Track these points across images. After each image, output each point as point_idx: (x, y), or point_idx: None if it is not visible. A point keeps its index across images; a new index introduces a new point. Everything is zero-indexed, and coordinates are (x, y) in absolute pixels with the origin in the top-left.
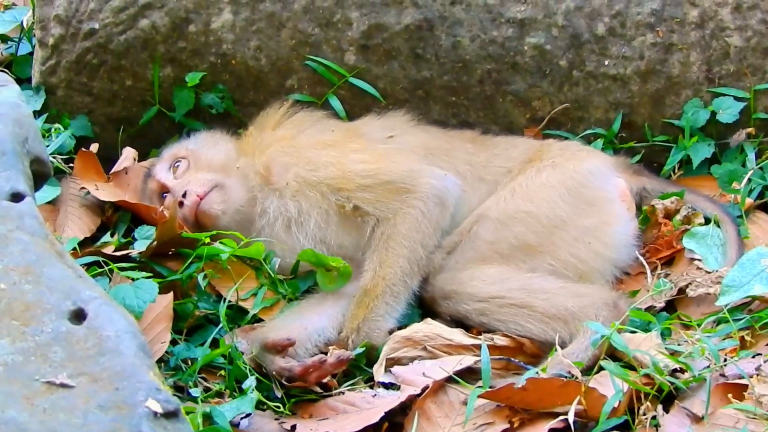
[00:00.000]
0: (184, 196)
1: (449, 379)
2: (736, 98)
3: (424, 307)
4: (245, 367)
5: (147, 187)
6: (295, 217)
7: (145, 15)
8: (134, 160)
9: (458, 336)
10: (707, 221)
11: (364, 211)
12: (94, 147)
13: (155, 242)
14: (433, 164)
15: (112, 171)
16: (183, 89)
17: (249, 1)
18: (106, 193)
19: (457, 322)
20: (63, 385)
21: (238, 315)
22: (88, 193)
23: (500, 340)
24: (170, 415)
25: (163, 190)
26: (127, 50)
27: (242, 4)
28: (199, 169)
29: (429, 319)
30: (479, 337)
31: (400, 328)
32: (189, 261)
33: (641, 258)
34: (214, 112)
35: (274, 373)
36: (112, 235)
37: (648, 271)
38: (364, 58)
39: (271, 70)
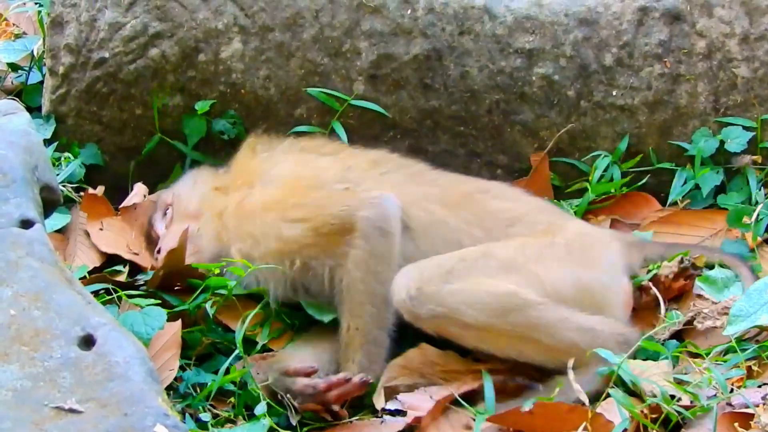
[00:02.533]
0: (158, 252)
1: (453, 403)
2: (744, 128)
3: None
4: (257, 393)
5: (150, 236)
6: (256, 276)
7: (155, 44)
8: (144, 196)
9: (454, 363)
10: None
11: (315, 267)
12: (100, 190)
13: (162, 272)
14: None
15: (122, 206)
16: (193, 117)
17: (258, 31)
18: (107, 240)
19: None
20: (72, 411)
21: (246, 346)
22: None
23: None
24: None
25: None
26: (137, 79)
27: (252, 33)
28: (178, 218)
29: (423, 344)
30: (478, 363)
31: (395, 355)
32: (198, 292)
33: (654, 289)
34: (227, 137)
35: (294, 391)
36: (124, 266)
37: (662, 302)
38: (372, 87)
39: (280, 100)
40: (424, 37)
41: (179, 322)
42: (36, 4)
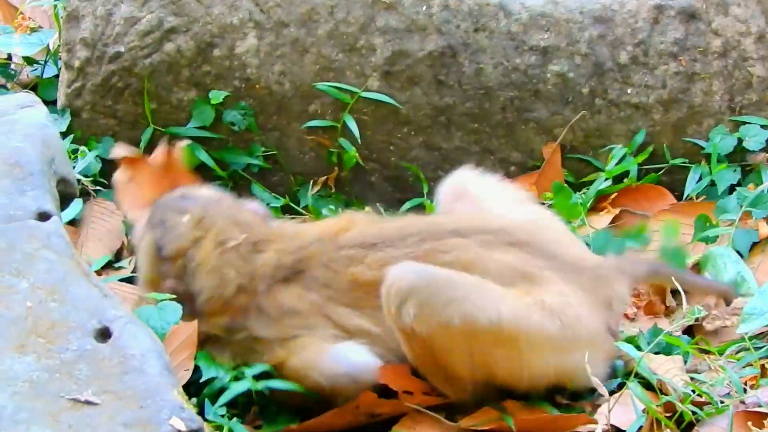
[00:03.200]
0: None
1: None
2: (762, 126)
3: None
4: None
5: None
6: None
7: (171, 39)
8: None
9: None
10: None
11: None
12: (127, 149)
13: None
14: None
15: (149, 161)
16: (204, 104)
17: (273, 26)
18: (132, 196)
19: None
20: (88, 403)
21: None
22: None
23: None
24: None
25: None
26: (152, 74)
27: (267, 29)
28: None
29: None
30: None
31: None
32: None
33: (677, 285)
34: (237, 129)
35: None
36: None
37: (684, 297)
38: (386, 84)
39: (294, 95)
40: (439, 33)
41: (195, 322)
42: None
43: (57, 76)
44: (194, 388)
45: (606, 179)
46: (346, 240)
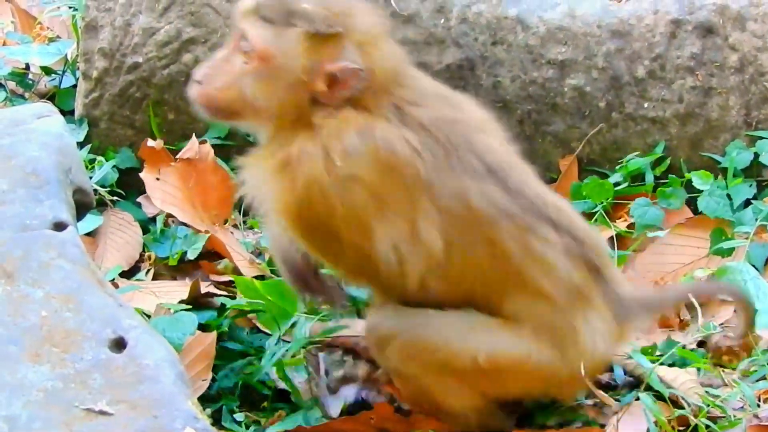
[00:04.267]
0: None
1: None
2: None
3: None
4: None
5: None
6: None
7: (189, 50)
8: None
9: None
10: None
11: None
12: (159, 143)
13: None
14: None
15: (179, 156)
16: None
17: None
18: (162, 193)
19: None
20: (102, 412)
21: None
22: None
23: None
24: None
25: None
26: (170, 84)
27: None
28: None
29: None
30: None
31: None
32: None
33: (692, 299)
34: (252, 140)
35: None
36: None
37: (699, 311)
38: None
39: None
40: (457, 46)
41: (213, 334)
42: (70, 8)
43: (75, 86)
44: (212, 396)
45: (623, 180)
46: None
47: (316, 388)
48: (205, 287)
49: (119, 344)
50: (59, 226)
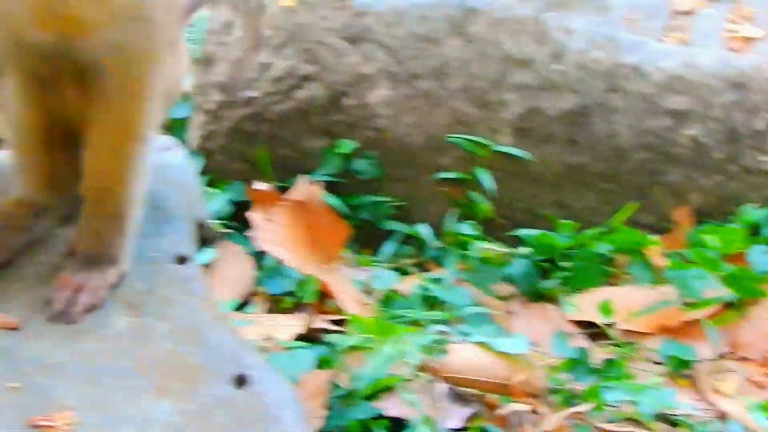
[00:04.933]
0: None
1: None
2: None
3: None
4: None
5: None
6: None
7: (303, 86)
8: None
9: None
10: None
11: None
12: (268, 185)
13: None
14: None
15: (287, 197)
16: (333, 153)
17: (406, 78)
18: (272, 235)
19: None
20: None
21: None
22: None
23: None
24: None
25: None
26: (284, 120)
27: (400, 80)
28: None
29: None
30: None
31: None
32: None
33: None
34: (364, 177)
35: None
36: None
37: None
38: (518, 140)
39: (424, 147)
40: (573, 92)
41: (328, 371)
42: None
43: (188, 118)
44: None
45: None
46: None
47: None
48: (317, 323)
49: (242, 381)
50: (182, 260)
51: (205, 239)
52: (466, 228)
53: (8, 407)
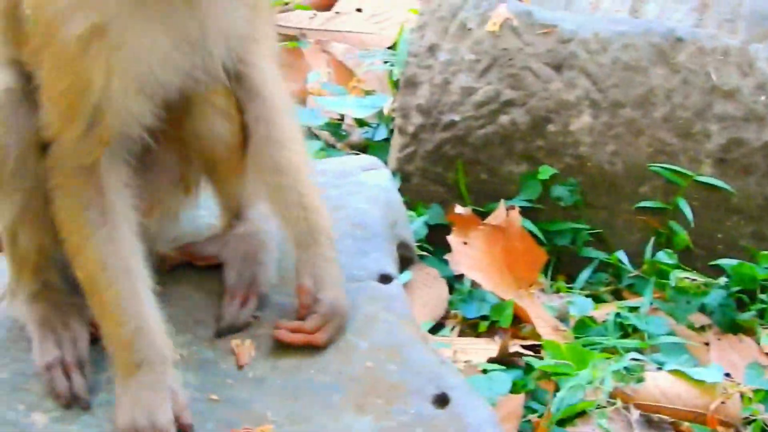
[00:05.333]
0: None
1: None
2: None
3: None
4: None
5: None
6: None
7: (506, 111)
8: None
9: None
10: None
11: None
12: (468, 210)
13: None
14: None
15: (486, 221)
16: (533, 178)
17: (609, 106)
18: (468, 258)
19: None
20: None
21: None
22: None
23: None
24: None
25: None
26: (485, 145)
27: (603, 108)
28: None
29: None
30: None
31: None
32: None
33: None
34: (564, 204)
35: None
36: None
37: None
38: (719, 171)
39: (625, 176)
40: None
41: (522, 395)
42: (386, 63)
43: (387, 139)
44: None
45: None
46: None
47: None
48: (512, 347)
49: (442, 401)
50: (385, 279)
51: (407, 259)
52: (664, 257)
53: (209, 418)
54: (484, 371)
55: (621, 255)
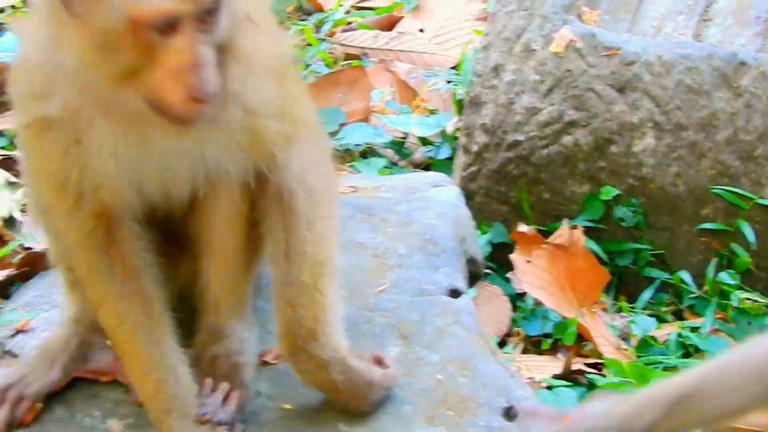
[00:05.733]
0: None
1: None
2: None
3: None
4: None
5: None
6: None
7: (570, 132)
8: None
9: None
10: None
11: None
12: (531, 229)
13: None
14: None
15: (549, 240)
16: (595, 199)
17: (672, 128)
18: (531, 276)
19: None
20: None
21: None
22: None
23: None
24: None
25: None
26: (548, 164)
27: (666, 130)
28: None
29: None
30: None
31: None
32: None
33: None
34: (625, 225)
35: None
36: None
37: None
38: None
39: (687, 197)
40: None
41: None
42: (449, 82)
43: (450, 158)
44: None
45: None
46: None
47: None
48: (574, 364)
49: (512, 414)
50: (455, 294)
51: (475, 275)
52: (726, 277)
53: (281, 427)
54: (549, 387)
55: (684, 275)
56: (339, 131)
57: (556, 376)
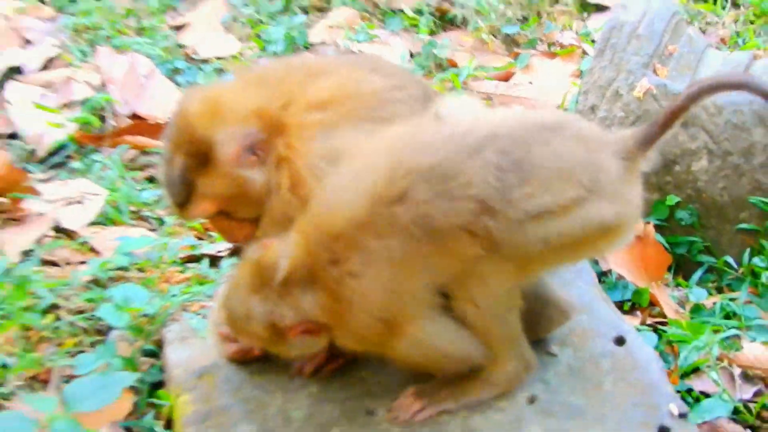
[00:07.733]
0: None
1: None
2: None
3: None
4: None
5: None
6: None
7: None
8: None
9: None
10: None
11: None
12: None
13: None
14: None
15: None
16: (662, 204)
17: (721, 155)
18: (613, 257)
19: None
20: (606, 390)
21: None
22: None
23: None
24: (683, 416)
25: None
26: None
27: (716, 155)
28: None
29: None
30: None
31: None
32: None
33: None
34: (683, 224)
35: None
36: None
37: None
38: None
39: (730, 205)
40: None
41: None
42: None
43: None
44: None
45: None
46: None
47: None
48: (647, 321)
49: (620, 341)
50: None
51: None
52: (758, 261)
53: None
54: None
55: (728, 259)
56: None
57: (637, 328)
